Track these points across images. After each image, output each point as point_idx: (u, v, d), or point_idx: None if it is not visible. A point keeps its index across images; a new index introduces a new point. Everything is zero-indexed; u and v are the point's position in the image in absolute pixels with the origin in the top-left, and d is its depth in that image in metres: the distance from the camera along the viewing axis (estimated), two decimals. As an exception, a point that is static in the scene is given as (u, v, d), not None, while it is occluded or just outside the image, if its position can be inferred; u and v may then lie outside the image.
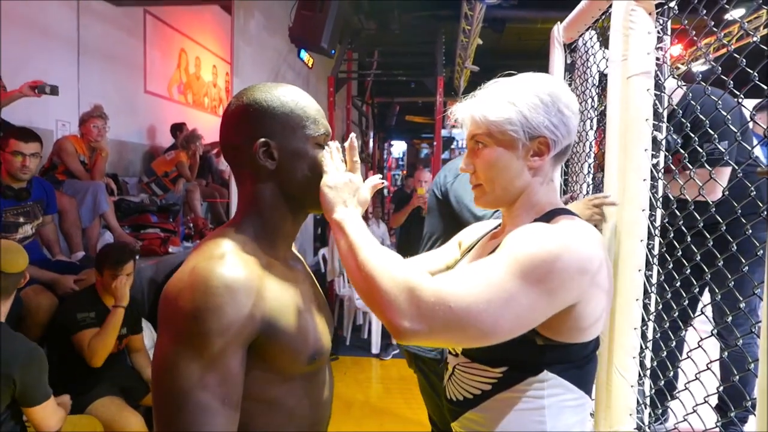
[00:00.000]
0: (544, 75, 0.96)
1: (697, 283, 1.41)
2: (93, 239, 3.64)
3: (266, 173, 0.85)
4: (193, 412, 0.71)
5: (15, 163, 2.66)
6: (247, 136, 0.84)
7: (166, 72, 5.58)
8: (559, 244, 0.82)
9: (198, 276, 0.73)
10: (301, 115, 0.86)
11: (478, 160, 0.96)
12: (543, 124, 0.90)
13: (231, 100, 0.89)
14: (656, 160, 1.53)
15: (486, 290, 0.78)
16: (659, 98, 1.52)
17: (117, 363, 2.61)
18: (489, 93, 0.96)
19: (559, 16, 2.44)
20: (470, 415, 0.96)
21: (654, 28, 1.50)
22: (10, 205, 2.72)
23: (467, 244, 1.18)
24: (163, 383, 0.73)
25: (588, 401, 0.95)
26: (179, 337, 0.72)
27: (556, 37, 2.40)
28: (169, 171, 4.85)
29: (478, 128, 0.95)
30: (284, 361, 0.81)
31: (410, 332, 0.77)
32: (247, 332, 0.75)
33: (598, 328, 0.90)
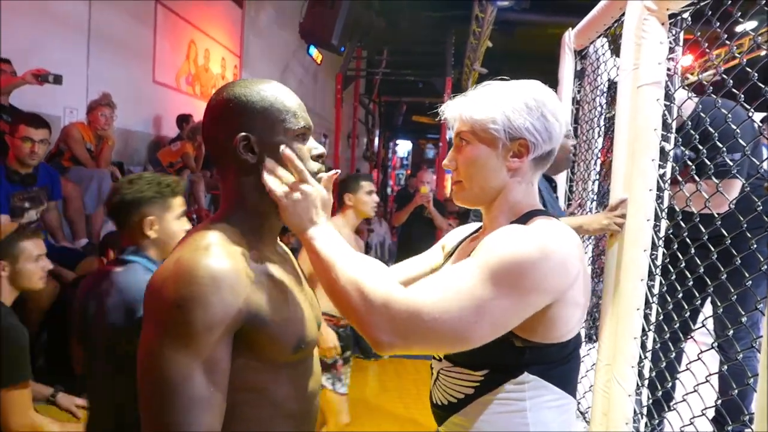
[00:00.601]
0: (535, 82, 0.99)
1: (699, 296, 1.41)
2: (97, 226, 3.65)
3: (247, 167, 0.85)
4: (179, 401, 0.71)
5: (24, 148, 2.67)
6: (228, 130, 0.85)
7: (175, 62, 5.59)
8: (533, 246, 0.84)
9: (183, 267, 0.74)
10: (280, 109, 0.86)
11: (461, 157, 0.99)
12: (524, 126, 0.93)
13: (212, 95, 0.89)
14: (663, 170, 1.53)
15: (458, 298, 0.79)
16: (668, 109, 1.52)
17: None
18: (479, 93, 0.99)
19: (569, 21, 2.44)
20: (455, 419, 0.97)
21: (666, 38, 1.50)
22: (16, 190, 2.73)
23: (450, 247, 1.19)
24: (149, 372, 0.73)
25: (571, 402, 0.96)
26: (164, 327, 0.73)
27: (567, 43, 2.40)
28: (175, 162, 4.86)
29: (464, 126, 0.98)
30: (269, 350, 0.81)
31: (388, 345, 0.79)
32: (231, 322, 0.75)
33: (576, 328, 0.92)
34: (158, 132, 5.34)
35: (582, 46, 2.34)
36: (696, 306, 1.52)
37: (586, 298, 0.92)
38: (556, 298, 0.85)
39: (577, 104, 2.44)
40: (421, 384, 3.88)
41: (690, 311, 1.50)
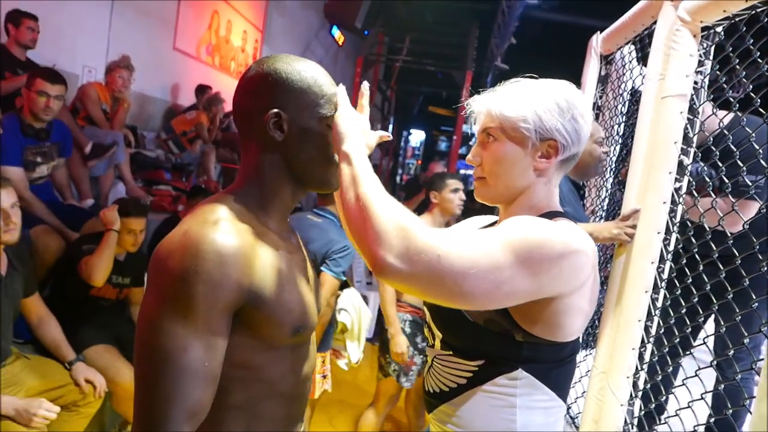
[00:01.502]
0: (565, 82, 0.98)
1: (703, 313, 1.41)
2: (105, 188, 3.66)
3: (273, 144, 0.85)
4: (173, 372, 0.71)
5: (39, 102, 2.66)
6: (261, 104, 0.84)
7: (197, 31, 5.57)
8: (558, 237, 0.84)
9: (190, 239, 0.74)
10: (317, 92, 0.86)
11: (487, 153, 0.98)
12: (555, 127, 0.92)
13: (251, 65, 0.88)
14: (679, 184, 1.51)
15: (476, 254, 0.79)
16: (691, 123, 1.50)
17: (116, 313, 2.64)
18: (508, 90, 0.97)
19: (597, 25, 2.40)
20: (445, 408, 0.98)
21: (697, 50, 1.48)
22: (29, 144, 2.74)
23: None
24: (146, 341, 0.74)
25: (561, 405, 0.96)
26: (166, 297, 0.73)
27: (594, 47, 2.37)
28: (188, 131, 4.86)
29: (492, 122, 0.96)
30: (268, 331, 0.81)
31: (392, 269, 0.77)
32: (233, 299, 0.75)
33: (576, 332, 0.92)
34: (174, 99, 5.34)
35: (609, 51, 2.31)
36: (698, 323, 1.51)
37: (591, 307, 0.92)
38: (563, 294, 0.85)
39: (598, 110, 2.42)
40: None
41: (692, 327, 1.49)
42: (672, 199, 1.50)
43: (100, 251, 2.39)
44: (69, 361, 2.20)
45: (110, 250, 2.42)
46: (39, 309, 2.23)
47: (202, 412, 0.74)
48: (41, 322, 2.22)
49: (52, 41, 3.25)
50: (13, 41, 3.16)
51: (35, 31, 3.19)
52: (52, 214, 2.73)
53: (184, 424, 0.72)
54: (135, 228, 2.49)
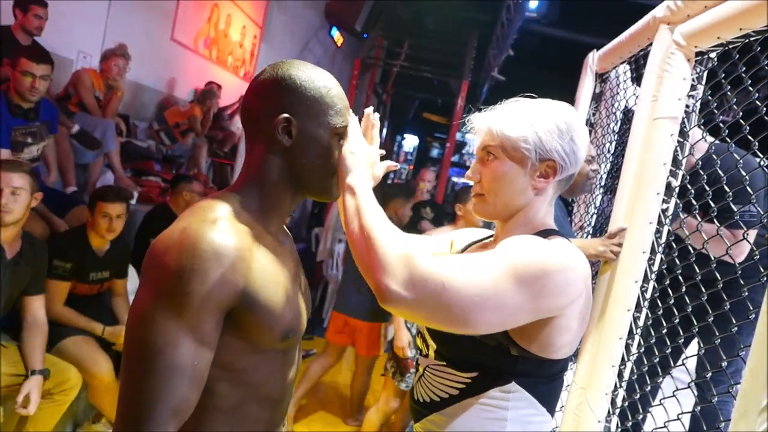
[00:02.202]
0: (564, 104, 1.00)
1: (683, 334, 1.42)
2: (94, 176, 3.63)
3: (279, 148, 0.85)
4: (161, 369, 0.71)
5: (24, 83, 2.61)
6: (272, 107, 0.84)
7: (196, 23, 5.54)
8: (556, 256, 0.87)
9: (188, 237, 0.74)
10: (329, 103, 0.87)
11: (486, 171, 0.99)
12: (555, 148, 0.94)
13: (266, 68, 0.88)
14: (666, 205, 1.53)
15: (479, 280, 0.81)
16: (681, 145, 1.52)
17: (96, 304, 2.61)
18: (510, 109, 0.99)
19: (595, 42, 2.43)
20: (434, 418, 0.98)
21: (690, 75, 1.50)
22: (18, 124, 2.70)
23: (458, 246, 1.20)
24: (136, 336, 0.73)
25: (549, 421, 0.97)
26: (160, 293, 0.72)
27: (590, 64, 2.39)
28: (181, 122, 4.83)
29: (493, 140, 0.98)
30: (258, 334, 0.81)
31: (397, 297, 0.78)
32: (227, 299, 0.75)
33: (570, 349, 0.93)
34: (168, 90, 5.30)
35: (604, 69, 2.33)
36: (679, 344, 1.52)
37: (584, 324, 0.94)
38: (563, 313, 0.87)
39: (590, 126, 2.44)
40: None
41: (672, 348, 1.50)
42: (658, 220, 1.52)
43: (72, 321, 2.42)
44: (32, 370, 2.07)
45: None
46: (37, 312, 2.18)
47: (187, 411, 0.74)
48: (31, 326, 2.16)
49: (48, 25, 3.21)
50: (18, 26, 3.13)
51: (42, 19, 3.16)
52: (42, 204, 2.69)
53: (168, 423, 0.71)
54: (110, 212, 2.45)
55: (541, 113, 0.96)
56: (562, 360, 0.94)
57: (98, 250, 2.53)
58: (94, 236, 2.50)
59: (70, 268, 2.40)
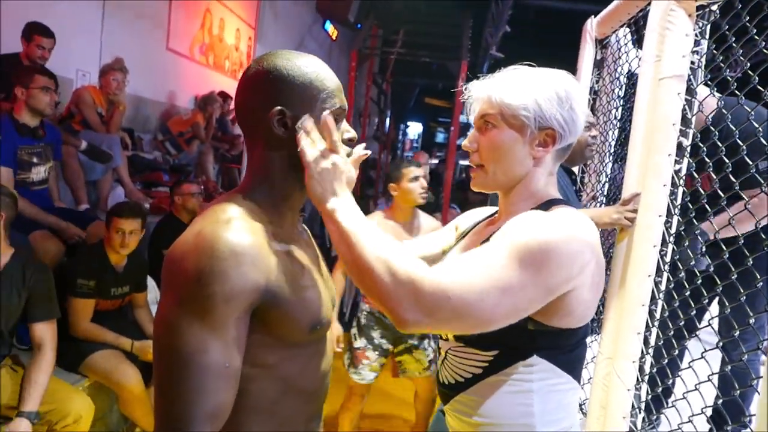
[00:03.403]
0: (563, 72, 0.98)
1: (707, 295, 1.40)
2: (104, 192, 3.66)
3: (278, 141, 0.84)
4: (193, 374, 0.71)
5: (43, 98, 2.67)
6: (264, 102, 0.83)
7: (190, 31, 5.54)
8: (555, 232, 0.84)
9: (204, 240, 0.73)
10: (319, 87, 0.85)
11: (484, 140, 0.98)
12: (554, 116, 0.93)
13: (251, 63, 0.87)
14: (679, 166, 1.50)
15: (483, 280, 0.80)
16: (689, 103, 1.49)
17: (119, 317, 2.64)
18: (509, 77, 0.97)
19: (592, 9, 2.39)
20: (461, 398, 0.99)
21: (692, 30, 1.46)
22: (26, 143, 2.73)
23: (463, 228, 1.19)
24: (164, 344, 0.73)
25: (576, 387, 0.97)
26: (182, 299, 0.72)
27: (589, 31, 2.35)
28: (185, 131, 4.85)
29: (492, 108, 0.96)
30: (285, 329, 0.81)
31: (412, 323, 0.79)
32: (250, 298, 0.74)
33: (588, 315, 0.93)
34: (169, 100, 5.32)
35: (604, 35, 2.29)
36: (703, 305, 1.50)
37: (600, 289, 0.93)
38: (575, 285, 0.86)
39: (594, 94, 2.40)
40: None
41: (696, 309, 1.48)
42: (672, 182, 1.49)
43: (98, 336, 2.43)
44: (19, 411, 1.92)
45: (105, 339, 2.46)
46: (43, 339, 2.07)
47: (224, 413, 0.74)
48: (35, 356, 2.04)
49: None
50: (24, 54, 3.18)
51: (45, 49, 3.19)
52: (43, 211, 2.71)
53: (206, 426, 0.71)
54: (124, 228, 2.46)
55: (540, 81, 0.94)
56: (582, 327, 0.93)
57: (117, 265, 2.55)
58: (111, 252, 2.52)
59: (93, 286, 2.43)
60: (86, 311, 2.43)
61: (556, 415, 0.94)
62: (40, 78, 2.68)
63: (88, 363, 2.37)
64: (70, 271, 2.43)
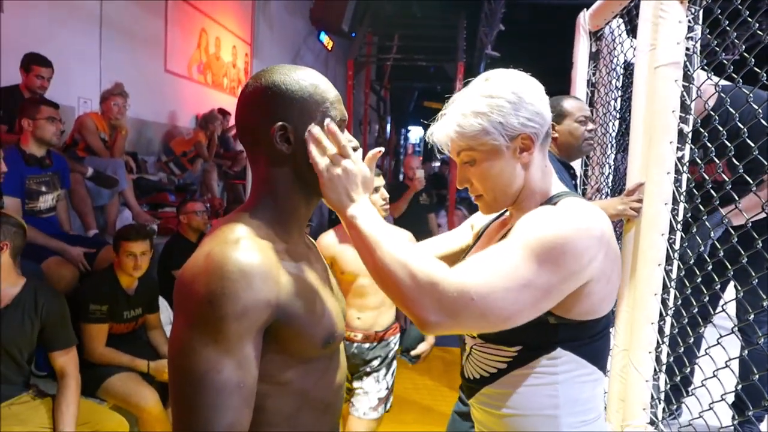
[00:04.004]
0: (499, 74, 0.98)
1: (719, 280, 1.39)
2: (112, 216, 3.68)
3: (282, 157, 0.84)
4: (209, 395, 0.71)
5: (50, 129, 2.72)
6: (264, 118, 0.83)
7: (187, 51, 5.59)
8: (568, 225, 0.86)
9: (213, 261, 0.73)
10: (318, 100, 0.85)
11: (471, 174, 1.00)
12: (518, 122, 0.93)
13: (248, 80, 0.87)
14: (681, 153, 1.50)
15: (504, 278, 0.82)
16: (687, 90, 1.48)
17: (133, 340, 2.65)
18: (458, 109, 0.98)
19: (584, 2, 2.39)
20: (486, 391, 1.00)
21: (685, 17, 1.46)
22: (33, 173, 2.76)
23: (478, 227, 1.21)
24: (179, 366, 0.74)
25: (601, 376, 0.98)
26: (195, 321, 0.72)
27: (582, 24, 2.35)
28: (188, 151, 4.88)
29: (460, 146, 0.98)
30: (299, 345, 0.81)
31: (436, 325, 0.81)
32: (262, 317, 0.75)
33: (608, 305, 0.94)
34: (171, 121, 5.36)
35: (597, 27, 2.30)
36: (716, 290, 1.49)
37: (618, 277, 0.94)
38: (593, 276, 0.87)
39: (592, 87, 2.40)
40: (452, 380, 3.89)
41: (709, 295, 1.47)
42: (676, 169, 1.48)
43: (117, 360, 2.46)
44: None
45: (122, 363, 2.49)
46: (65, 368, 2.08)
47: (241, 430, 0.74)
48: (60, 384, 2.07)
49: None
50: (24, 85, 3.22)
51: (45, 79, 3.22)
52: (51, 237, 2.73)
53: None
54: (135, 251, 2.49)
55: (486, 99, 0.94)
56: (603, 317, 0.94)
57: (128, 288, 2.57)
58: (122, 276, 2.54)
59: (106, 310, 2.45)
60: (101, 336, 2.44)
61: (582, 405, 0.95)
62: (46, 109, 2.72)
63: (106, 387, 2.38)
64: (82, 297, 2.45)
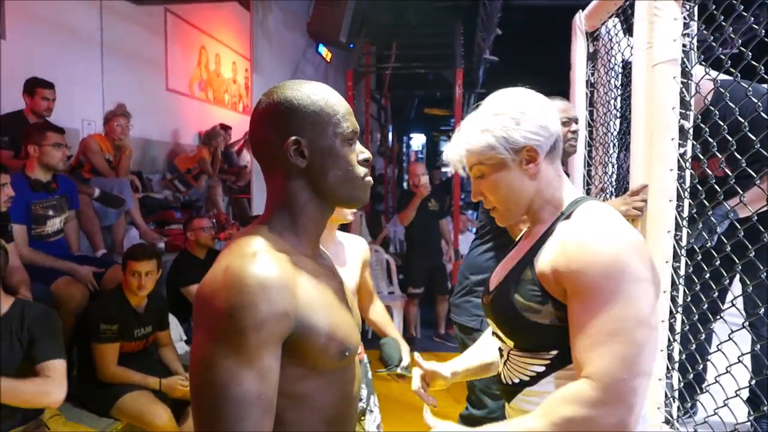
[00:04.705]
0: (505, 93, 1.05)
1: (727, 275, 1.38)
2: (119, 236, 3.71)
3: (297, 171, 0.86)
4: (230, 407, 0.72)
5: (56, 155, 2.77)
6: (278, 134, 0.85)
7: (187, 69, 5.64)
8: (610, 246, 0.88)
9: (232, 275, 0.74)
10: (330, 113, 0.86)
11: (483, 189, 1.06)
12: (521, 136, 0.99)
13: (261, 97, 0.89)
14: (683, 149, 1.50)
15: (621, 334, 0.84)
16: (686, 86, 1.49)
17: (144, 358, 2.66)
18: (467, 128, 1.05)
19: (580, 3, 2.39)
20: (526, 393, 1.03)
21: (680, 14, 1.46)
22: (40, 198, 2.79)
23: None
24: (200, 380, 0.75)
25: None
26: (215, 335, 0.73)
27: (578, 25, 2.36)
28: (192, 167, 4.92)
29: (470, 161, 1.05)
30: (316, 358, 0.82)
31: (624, 425, 0.83)
32: (281, 329, 0.75)
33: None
34: (174, 139, 5.41)
35: (593, 27, 2.30)
36: (724, 285, 1.48)
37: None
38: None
39: (591, 87, 2.40)
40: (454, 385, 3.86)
41: (718, 291, 1.46)
42: (679, 165, 1.48)
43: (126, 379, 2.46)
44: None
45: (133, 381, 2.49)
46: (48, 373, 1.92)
47: None
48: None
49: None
50: (30, 110, 3.26)
51: (50, 100, 3.28)
52: (58, 259, 2.75)
53: None
54: (139, 270, 2.50)
55: (489, 116, 1.02)
56: None
57: (138, 307, 2.58)
58: (130, 295, 2.55)
59: (116, 330, 2.46)
60: (112, 355, 2.45)
61: None
62: (52, 135, 2.76)
63: (119, 406, 2.39)
64: (93, 317, 2.46)
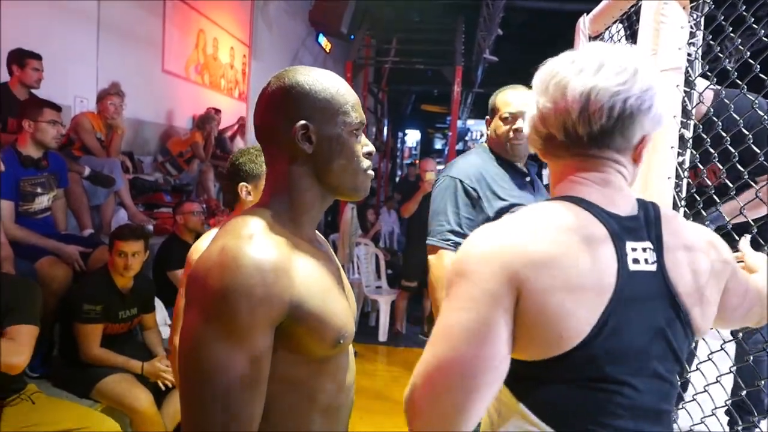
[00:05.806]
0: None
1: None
2: (107, 216, 3.66)
3: (302, 156, 0.85)
4: (220, 390, 0.71)
5: (50, 131, 2.71)
6: (287, 117, 0.83)
7: (184, 52, 5.57)
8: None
9: (227, 255, 0.73)
10: (341, 101, 0.86)
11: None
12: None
13: (270, 80, 0.87)
14: (682, 158, 1.50)
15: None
16: (688, 95, 1.48)
17: (128, 340, 2.64)
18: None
19: (583, 8, 2.39)
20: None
21: (687, 22, 1.46)
22: (29, 175, 2.75)
23: None
24: (190, 360, 0.73)
25: None
26: (208, 315, 0.72)
27: (582, 29, 2.35)
28: (184, 151, 4.86)
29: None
30: (310, 344, 0.80)
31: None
32: (276, 313, 0.74)
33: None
34: (167, 121, 5.34)
35: (597, 31, 2.29)
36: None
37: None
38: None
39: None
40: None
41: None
42: (676, 174, 1.48)
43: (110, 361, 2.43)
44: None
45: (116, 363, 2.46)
46: (15, 337, 1.84)
47: (252, 425, 0.74)
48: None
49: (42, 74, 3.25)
50: (16, 81, 3.18)
51: (40, 71, 3.21)
52: (43, 237, 2.71)
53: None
54: (126, 250, 2.47)
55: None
56: None
57: (123, 288, 2.55)
58: (116, 276, 2.52)
59: (101, 310, 2.42)
60: (95, 336, 2.42)
61: None
62: (48, 111, 2.70)
63: (100, 388, 2.36)
64: (76, 296, 2.43)
